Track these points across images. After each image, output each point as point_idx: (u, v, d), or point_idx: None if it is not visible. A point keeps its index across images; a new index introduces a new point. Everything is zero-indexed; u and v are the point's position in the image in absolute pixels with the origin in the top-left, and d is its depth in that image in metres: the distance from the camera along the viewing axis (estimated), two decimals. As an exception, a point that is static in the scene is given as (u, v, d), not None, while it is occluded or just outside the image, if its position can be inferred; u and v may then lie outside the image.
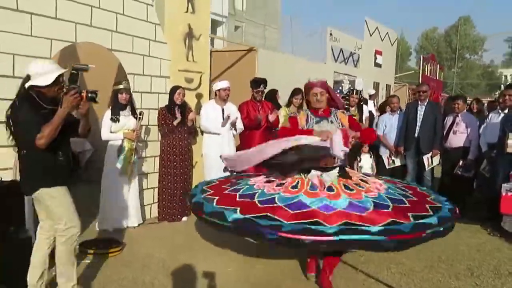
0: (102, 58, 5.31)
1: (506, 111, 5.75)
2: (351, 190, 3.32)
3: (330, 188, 3.32)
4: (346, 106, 6.65)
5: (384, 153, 6.79)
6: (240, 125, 5.95)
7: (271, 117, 5.95)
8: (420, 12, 66.50)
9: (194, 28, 5.91)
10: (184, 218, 5.69)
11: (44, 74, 2.97)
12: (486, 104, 8.81)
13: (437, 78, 18.23)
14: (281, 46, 27.30)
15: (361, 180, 3.57)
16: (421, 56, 17.63)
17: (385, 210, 3.07)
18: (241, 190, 3.58)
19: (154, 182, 5.68)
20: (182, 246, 4.70)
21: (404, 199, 3.33)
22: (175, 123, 5.45)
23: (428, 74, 17.01)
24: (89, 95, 2.98)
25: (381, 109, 7.92)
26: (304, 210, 3.08)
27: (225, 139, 5.84)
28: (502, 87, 31.41)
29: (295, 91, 6.46)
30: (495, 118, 5.95)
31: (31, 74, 2.98)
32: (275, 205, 3.19)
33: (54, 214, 3.11)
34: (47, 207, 3.13)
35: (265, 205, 3.20)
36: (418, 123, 6.35)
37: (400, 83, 15.56)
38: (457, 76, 27.59)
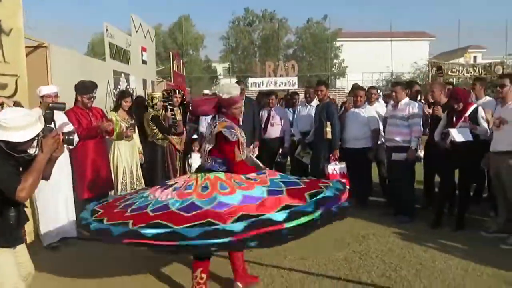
0: None
1: (313, 103, 6.83)
2: (243, 184, 3.34)
3: (222, 186, 3.32)
4: (170, 106, 6.55)
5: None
6: (76, 138, 5.11)
7: (109, 126, 5.38)
8: (146, 9, 67.69)
9: (3, 20, 4.68)
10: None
11: (23, 128, 2.44)
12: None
13: (182, 73, 19.35)
14: None
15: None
16: (171, 53, 18.32)
17: (278, 196, 3.15)
18: (135, 204, 3.34)
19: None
20: None
21: (298, 181, 3.48)
22: None
23: (176, 70, 17.87)
24: (66, 137, 2.61)
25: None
26: (198, 211, 3.04)
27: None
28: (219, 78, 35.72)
29: (124, 94, 6.01)
30: (303, 110, 6.98)
31: (6, 126, 2.41)
32: (168, 211, 3.09)
33: None
34: None
35: (158, 213, 3.09)
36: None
37: (159, 79, 15.80)
38: (185, 71, 29.44)
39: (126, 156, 5.84)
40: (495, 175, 4.86)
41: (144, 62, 12.58)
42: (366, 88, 6.93)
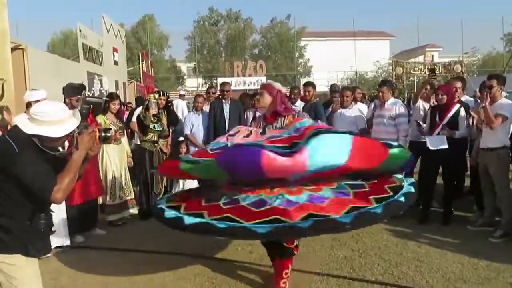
0: None
1: (297, 104, 6.89)
2: (310, 185, 3.34)
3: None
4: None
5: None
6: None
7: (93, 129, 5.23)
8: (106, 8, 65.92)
9: (-14, 21, 4.49)
10: None
11: (59, 123, 2.29)
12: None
13: (151, 74, 19.08)
14: None
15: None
16: (140, 53, 17.99)
17: (346, 197, 3.16)
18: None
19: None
20: None
21: (364, 183, 3.39)
22: None
23: (145, 70, 17.61)
24: (103, 134, 2.43)
25: None
26: (267, 207, 3.07)
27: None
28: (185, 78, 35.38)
29: (113, 96, 5.87)
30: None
31: (40, 119, 2.25)
32: (238, 205, 3.14)
33: None
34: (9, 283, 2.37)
35: (228, 206, 3.15)
36: (227, 119, 6.81)
37: (129, 80, 15.52)
38: (153, 71, 29.07)
39: (115, 160, 5.72)
40: (483, 170, 5.07)
41: (116, 63, 12.37)
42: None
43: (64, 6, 69.19)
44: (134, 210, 6.04)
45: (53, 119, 2.30)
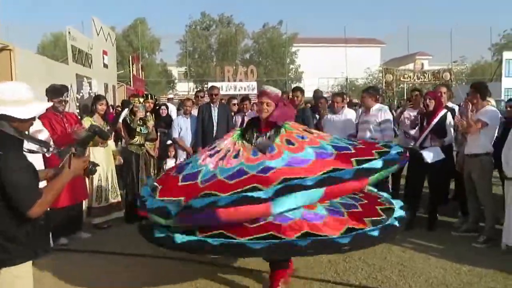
0: None
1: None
2: (293, 144, 3.39)
3: (272, 148, 3.39)
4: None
5: (181, 155, 6.92)
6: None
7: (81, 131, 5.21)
8: (98, 11, 66.18)
9: (-27, 21, 4.45)
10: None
11: (28, 103, 2.13)
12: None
13: (141, 77, 19.02)
14: None
15: (306, 131, 3.70)
16: (130, 56, 17.91)
17: (327, 159, 3.22)
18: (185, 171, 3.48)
19: None
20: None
21: (350, 146, 3.45)
22: None
23: (135, 74, 17.56)
24: (91, 167, 2.51)
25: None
26: (243, 177, 3.14)
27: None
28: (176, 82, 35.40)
29: (99, 97, 5.87)
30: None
31: (3, 99, 2.06)
32: (215, 180, 3.20)
33: None
34: None
35: (206, 183, 3.19)
36: (215, 123, 6.80)
37: (119, 83, 15.46)
38: (143, 75, 28.94)
39: (102, 163, 5.68)
40: (467, 176, 5.13)
41: (105, 66, 12.33)
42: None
43: (56, 8, 68.93)
44: (120, 213, 6.01)
45: (13, 99, 2.11)
